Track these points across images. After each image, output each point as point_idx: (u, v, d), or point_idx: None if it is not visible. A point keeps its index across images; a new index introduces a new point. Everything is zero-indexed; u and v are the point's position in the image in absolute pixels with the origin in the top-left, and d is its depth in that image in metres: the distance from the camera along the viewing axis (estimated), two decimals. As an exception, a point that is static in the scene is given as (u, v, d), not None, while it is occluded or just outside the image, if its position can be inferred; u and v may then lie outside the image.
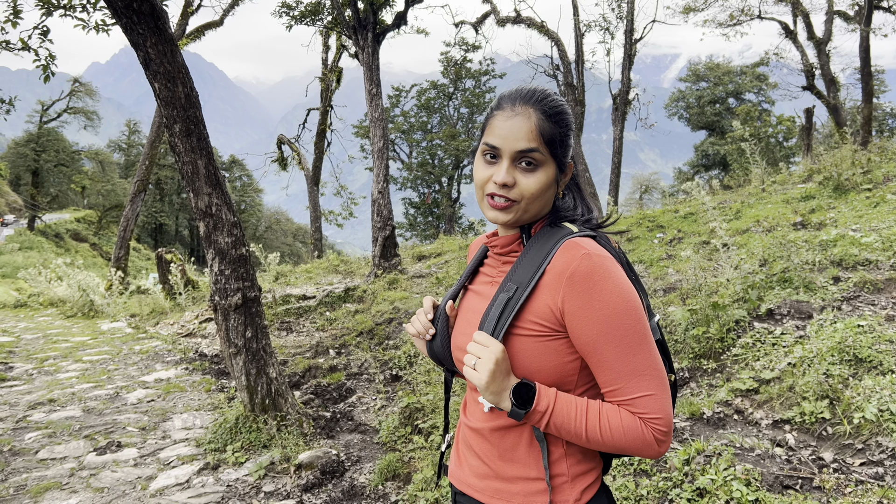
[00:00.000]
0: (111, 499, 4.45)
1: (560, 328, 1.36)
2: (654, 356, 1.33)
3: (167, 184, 64.39)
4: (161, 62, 4.87)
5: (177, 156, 5.07)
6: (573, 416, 1.32)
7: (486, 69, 40.64)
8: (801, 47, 25.17)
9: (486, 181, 1.43)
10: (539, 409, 1.32)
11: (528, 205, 1.42)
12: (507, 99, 1.45)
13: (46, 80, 5.92)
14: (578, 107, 20.82)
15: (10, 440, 5.61)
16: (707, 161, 45.04)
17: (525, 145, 1.38)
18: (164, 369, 8.04)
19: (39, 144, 59.84)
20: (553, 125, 1.40)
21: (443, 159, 42.00)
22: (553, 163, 1.42)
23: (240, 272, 5.21)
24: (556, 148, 1.41)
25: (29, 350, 9.72)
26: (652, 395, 1.31)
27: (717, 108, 44.34)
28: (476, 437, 1.51)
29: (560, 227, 1.45)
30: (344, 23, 11.77)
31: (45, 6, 5.68)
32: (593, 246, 1.36)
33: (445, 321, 1.57)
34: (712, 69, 45.60)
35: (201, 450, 5.24)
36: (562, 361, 1.37)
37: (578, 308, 1.32)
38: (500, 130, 1.40)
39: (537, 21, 21.85)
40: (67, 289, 15.30)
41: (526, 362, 1.37)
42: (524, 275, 1.40)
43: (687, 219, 9.87)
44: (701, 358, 4.49)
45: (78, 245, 56.06)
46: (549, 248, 1.39)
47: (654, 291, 6.47)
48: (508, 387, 1.34)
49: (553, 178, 1.43)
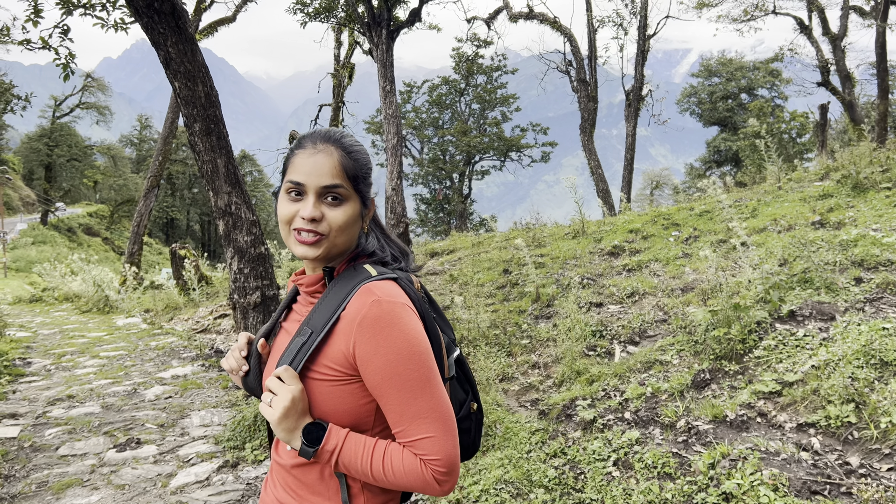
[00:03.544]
0: (132, 496, 4.48)
1: (354, 372, 1.40)
2: (436, 400, 1.38)
3: (179, 179, 64.70)
4: (181, 61, 4.88)
5: (196, 154, 5.08)
6: (359, 456, 1.38)
7: (498, 65, 40.55)
8: (816, 43, 24.98)
9: (292, 217, 1.46)
10: (327, 448, 1.38)
11: (335, 237, 1.45)
12: (307, 139, 1.49)
13: (66, 78, 5.94)
14: (591, 103, 20.75)
15: (30, 436, 5.65)
16: (719, 157, 44.81)
17: (330, 181, 1.43)
18: (180, 365, 8.08)
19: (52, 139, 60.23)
20: (353, 162, 1.47)
21: (454, 155, 41.98)
22: (357, 198, 1.48)
23: (259, 270, 5.23)
24: (358, 183, 1.47)
25: (46, 345, 9.80)
26: (431, 438, 1.36)
27: (730, 104, 44.05)
28: (282, 471, 1.56)
29: (360, 270, 1.48)
30: (358, 19, 11.76)
31: (66, 5, 5.70)
32: (386, 291, 1.41)
33: (258, 358, 1.61)
34: (725, 64, 45.30)
35: (220, 447, 5.26)
36: (357, 404, 1.43)
37: (366, 353, 1.36)
38: (304, 167, 1.44)
39: (550, 17, 21.77)
40: (82, 284, 15.41)
41: (321, 405, 1.42)
42: (320, 320, 1.43)
43: (702, 217, 9.81)
44: (722, 359, 4.47)
45: (90, 239, 56.45)
46: (346, 293, 1.43)
47: (671, 290, 6.44)
48: (301, 426, 1.39)
49: (358, 213, 1.48)
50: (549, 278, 7.91)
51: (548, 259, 9.02)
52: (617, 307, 6.44)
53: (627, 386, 4.51)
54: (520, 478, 3.68)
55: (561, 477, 3.63)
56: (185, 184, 66.42)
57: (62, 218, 55.83)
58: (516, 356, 6.01)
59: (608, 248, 8.79)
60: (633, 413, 4.13)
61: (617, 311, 6.32)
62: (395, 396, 1.36)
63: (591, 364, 5.17)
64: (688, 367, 4.61)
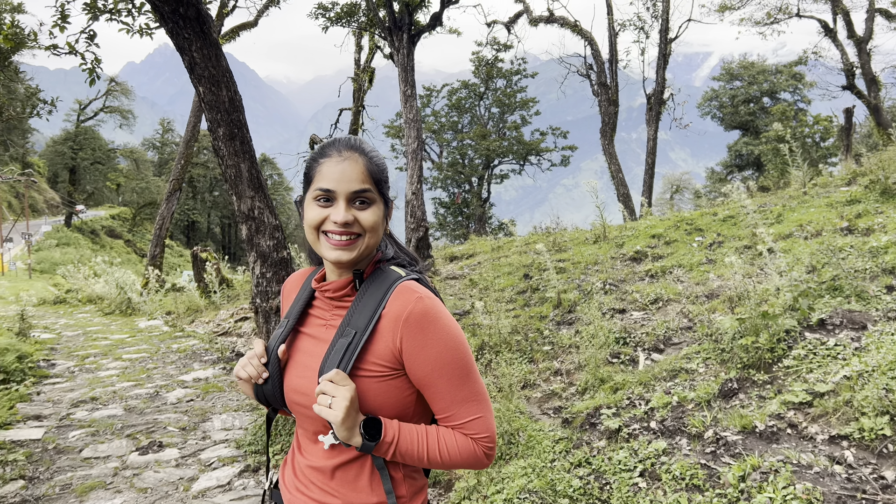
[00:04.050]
0: (154, 499, 4.49)
1: (399, 367, 1.50)
2: (479, 383, 1.53)
3: (200, 182, 65.27)
4: (206, 66, 4.90)
5: (220, 159, 5.10)
6: (416, 443, 1.48)
7: (518, 68, 40.47)
8: (841, 46, 24.64)
9: (322, 221, 1.52)
10: (387, 440, 1.47)
11: (368, 238, 1.53)
12: (331, 147, 1.56)
13: (92, 82, 6.00)
14: (612, 107, 20.62)
15: (54, 438, 5.69)
16: (741, 161, 44.36)
17: (359, 186, 1.51)
18: (201, 368, 8.12)
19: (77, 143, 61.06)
20: (376, 167, 1.56)
21: (473, 159, 41.95)
22: (381, 200, 1.56)
23: (281, 275, 5.23)
24: (381, 186, 1.56)
25: (70, 347, 9.90)
26: (480, 418, 1.51)
27: (752, 108, 43.60)
28: (317, 473, 1.60)
29: (389, 272, 1.56)
30: (379, 24, 11.78)
31: (92, 11, 5.76)
32: (423, 289, 1.52)
33: (277, 364, 1.63)
34: (746, 68, 44.86)
35: (241, 451, 5.27)
36: (401, 396, 1.52)
37: (414, 347, 1.46)
38: (333, 174, 1.51)
39: (570, 20, 21.69)
40: (105, 286, 15.57)
41: (370, 400, 1.49)
42: (362, 319, 1.50)
43: (726, 222, 9.69)
44: (750, 368, 4.38)
45: (113, 241, 57.10)
46: (384, 293, 1.51)
47: (695, 297, 6.35)
48: (358, 423, 1.46)
49: (383, 214, 1.57)
50: (570, 284, 7.85)
51: (569, 264, 8.96)
52: (640, 314, 6.37)
53: (653, 394, 4.44)
54: (544, 487, 3.63)
55: (586, 487, 3.58)
56: (206, 187, 66.98)
57: (85, 220, 56.56)
58: (538, 363, 5.96)
59: (630, 254, 8.70)
60: (659, 422, 4.06)
61: (640, 318, 6.24)
62: (445, 385, 1.47)
63: (615, 372, 5.11)
64: (714, 376, 4.53)
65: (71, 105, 62.07)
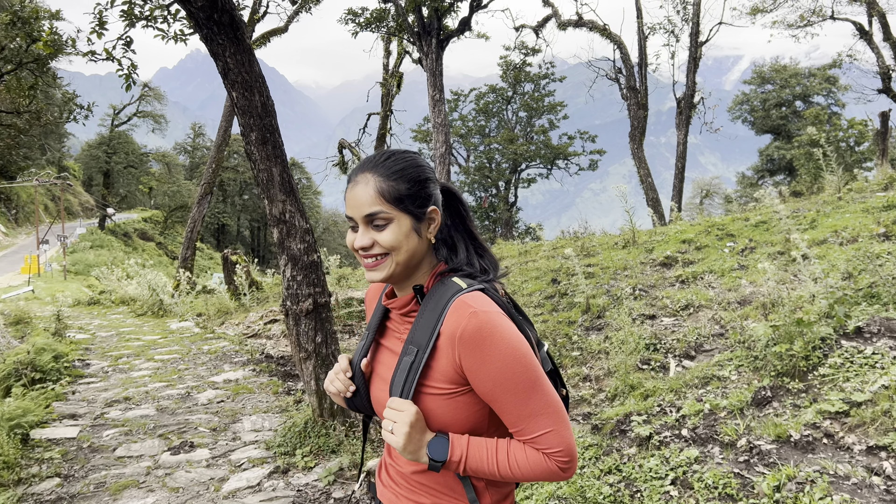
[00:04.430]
0: (186, 499, 4.55)
1: (465, 384, 1.47)
2: (547, 395, 1.44)
3: (230, 185, 66.11)
4: (239, 72, 4.96)
5: (252, 163, 5.16)
6: (485, 461, 1.45)
7: (546, 72, 40.37)
8: (877, 48, 24.15)
9: (352, 245, 1.55)
10: (454, 459, 1.45)
11: (395, 256, 1.49)
12: (353, 172, 1.57)
13: (128, 88, 6.12)
14: (641, 111, 20.46)
15: (89, 437, 5.80)
16: (772, 166, 43.66)
17: (368, 209, 1.49)
18: (232, 370, 8.21)
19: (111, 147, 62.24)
20: (394, 182, 1.49)
21: (500, 163, 41.91)
22: (406, 215, 1.50)
23: (311, 278, 5.27)
24: (403, 202, 1.49)
25: (104, 347, 10.08)
26: (551, 432, 1.43)
27: (784, 112, 42.91)
28: (403, 479, 1.63)
29: (450, 284, 1.51)
30: (408, 29, 11.83)
31: (129, 17, 5.87)
32: (480, 302, 1.45)
33: (362, 377, 1.66)
34: (778, 71, 44.18)
35: (271, 453, 5.31)
36: (471, 412, 1.49)
37: (473, 364, 1.42)
38: (351, 201, 1.52)
39: (599, 24, 21.58)
40: (138, 287, 15.83)
41: (440, 417, 1.48)
42: (422, 337, 1.48)
43: (758, 227, 9.54)
44: (784, 376, 4.31)
45: (145, 244, 58.04)
46: (441, 309, 1.47)
47: (727, 303, 6.27)
48: (425, 443, 1.46)
49: (409, 229, 1.50)
50: (599, 289, 7.79)
51: (597, 269, 8.90)
52: (671, 320, 6.30)
53: (684, 402, 4.39)
54: (573, 494, 3.61)
55: (616, 495, 3.55)
56: (236, 190, 67.81)
57: (118, 223, 57.58)
58: (566, 368, 5.93)
59: (660, 259, 8.62)
60: (691, 430, 4.01)
61: (671, 324, 6.18)
62: (510, 400, 1.42)
63: (646, 378, 5.06)
64: (747, 384, 4.46)
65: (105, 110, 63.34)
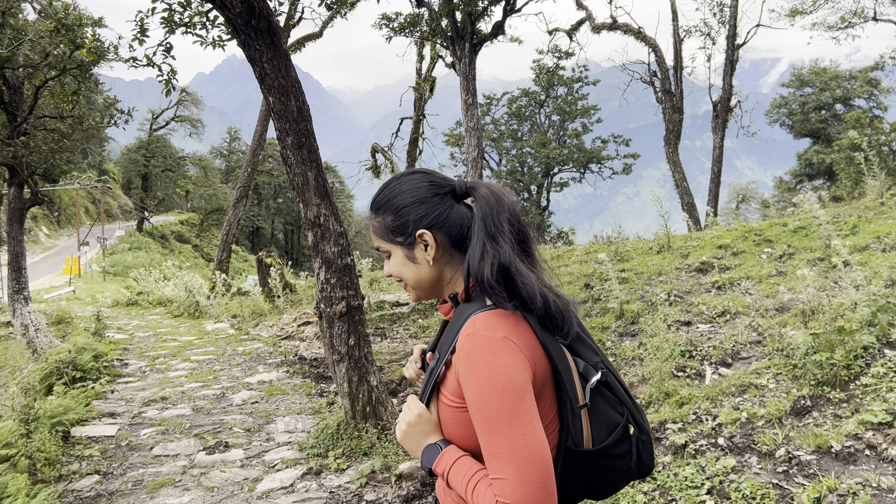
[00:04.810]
0: (221, 498, 4.61)
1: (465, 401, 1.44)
2: (516, 440, 1.30)
3: (265, 189, 66.94)
4: (276, 77, 5.03)
5: (288, 167, 5.22)
6: (460, 483, 1.39)
7: (579, 76, 40.14)
8: (922, 50, 23.52)
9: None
10: (437, 470, 1.44)
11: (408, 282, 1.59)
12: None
13: (168, 93, 6.24)
14: (676, 114, 20.22)
15: (127, 435, 5.92)
16: (811, 170, 42.72)
17: (375, 245, 1.62)
18: (266, 371, 8.31)
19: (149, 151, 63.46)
20: (381, 219, 1.58)
21: (532, 167, 41.78)
22: (397, 246, 1.57)
23: (344, 281, 5.31)
24: (390, 234, 1.57)
25: (141, 347, 10.28)
26: (503, 480, 1.29)
27: (823, 115, 41.95)
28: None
29: (478, 298, 1.49)
30: (442, 33, 11.87)
31: (169, 24, 6.00)
32: (487, 324, 1.40)
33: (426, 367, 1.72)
34: (818, 74, 43.21)
35: (304, 454, 5.35)
36: (469, 431, 1.43)
37: (463, 385, 1.39)
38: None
39: (634, 27, 21.38)
40: (174, 289, 16.11)
41: (448, 428, 1.48)
42: (445, 346, 1.50)
43: (797, 233, 9.35)
44: (824, 385, 4.21)
45: (181, 246, 59.05)
46: (461, 324, 1.46)
47: (765, 310, 6.15)
48: (422, 446, 1.48)
49: (403, 258, 1.57)
50: (633, 294, 7.71)
51: (631, 274, 8.81)
52: (707, 326, 6.20)
53: (720, 410, 4.31)
54: (607, 502, 3.57)
55: (651, 503, 3.50)
56: (270, 194, 68.64)
57: (156, 225, 58.69)
58: (600, 374, 5.86)
59: (696, 265, 8.50)
60: (728, 439, 3.94)
61: (707, 331, 6.08)
62: (481, 431, 1.35)
63: (681, 386, 4.99)
64: (786, 393, 4.37)
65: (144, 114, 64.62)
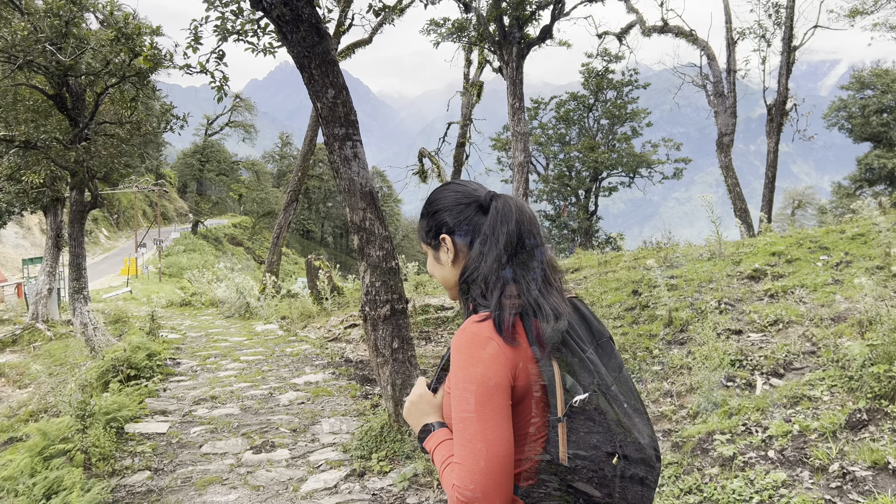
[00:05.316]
0: (266, 497, 4.69)
1: None
2: (475, 432, 1.40)
3: (314, 193, 68.00)
4: (323, 83, 5.11)
5: (335, 171, 5.29)
6: (439, 462, 1.52)
7: (629, 79, 39.61)
8: None
9: None
10: (427, 447, 1.58)
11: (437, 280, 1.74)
12: None
13: (220, 99, 6.40)
14: (730, 118, 19.78)
15: (178, 433, 6.07)
16: (871, 175, 41.24)
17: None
18: (312, 373, 8.42)
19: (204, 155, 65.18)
20: (420, 223, 1.74)
21: (580, 171, 41.37)
22: (429, 248, 1.72)
23: (389, 284, 5.35)
24: (423, 237, 1.72)
25: (193, 347, 10.54)
26: (459, 465, 1.41)
27: (885, 118, 40.46)
28: None
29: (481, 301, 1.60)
30: (489, 38, 11.87)
31: (222, 32, 6.15)
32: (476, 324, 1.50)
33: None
34: (879, 76, 41.71)
35: (348, 455, 5.41)
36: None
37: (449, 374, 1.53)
38: None
39: (686, 30, 21.02)
40: (226, 290, 16.47)
41: (446, 412, 1.60)
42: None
43: (855, 240, 9.04)
44: (881, 399, 4.06)
45: (234, 248, 60.39)
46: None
47: (820, 320, 5.96)
48: (420, 424, 1.62)
49: (433, 259, 1.72)
50: (682, 301, 7.56)
51: (681, 281, 8.64)
52: (758, 335, 6.04)
53: (771, 422, 4.20)
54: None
55: (696, 515, 3.43)
56: (320, 198, 69.72)
57: (209, 228, 60.17)
58: (646, 383, 5.78)
59: (748, 272, 8.29)
60: (778, 452, 3.83)
61: (758, 340, 5.93)
62: (453, 418, 1.47)
63: (730, 396, 4.87)
64: (841, 406, 4.23)
65: (200, 120, 66.42)
